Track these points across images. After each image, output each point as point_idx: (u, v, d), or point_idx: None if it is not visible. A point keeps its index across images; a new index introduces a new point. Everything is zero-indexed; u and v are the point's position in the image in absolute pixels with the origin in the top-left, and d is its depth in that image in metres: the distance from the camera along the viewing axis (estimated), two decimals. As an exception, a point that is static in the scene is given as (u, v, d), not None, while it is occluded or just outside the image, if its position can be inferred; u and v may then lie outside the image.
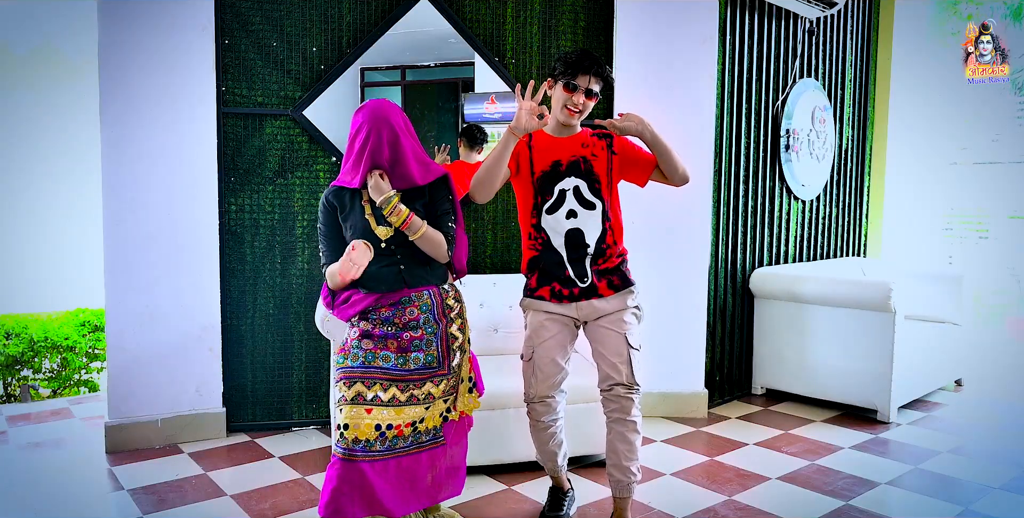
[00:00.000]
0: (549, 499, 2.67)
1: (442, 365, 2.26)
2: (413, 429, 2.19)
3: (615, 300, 2.46)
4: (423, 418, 2.21)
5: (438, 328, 2.26)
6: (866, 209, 5.23)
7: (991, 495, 2.87)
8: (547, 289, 2.46)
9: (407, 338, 2.21)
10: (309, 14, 3.45)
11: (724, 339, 4.09)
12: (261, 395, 3.53)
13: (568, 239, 2.43)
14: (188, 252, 3.34)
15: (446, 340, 2.28)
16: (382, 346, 2.19)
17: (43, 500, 2.79)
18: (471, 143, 3.74)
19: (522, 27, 3.63)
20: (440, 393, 2.25)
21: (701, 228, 3.78)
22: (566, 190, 2.42)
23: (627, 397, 2.42)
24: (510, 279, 3.50)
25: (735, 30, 3.97)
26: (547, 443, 2.56)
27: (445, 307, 2.29)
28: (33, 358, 4.91)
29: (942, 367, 4.26)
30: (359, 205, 2.24)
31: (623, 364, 2.43)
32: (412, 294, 2.23)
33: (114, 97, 3.20)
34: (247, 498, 2.79)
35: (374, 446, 2.11)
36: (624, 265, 2.51)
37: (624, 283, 2.48)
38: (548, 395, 2.50)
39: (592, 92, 2.37)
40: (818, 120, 4.57)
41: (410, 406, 2.18)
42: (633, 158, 2.48)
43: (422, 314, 2.23)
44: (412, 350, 2.21)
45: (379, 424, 2.12)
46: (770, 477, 3.03)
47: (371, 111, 2.18)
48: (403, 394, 2.18)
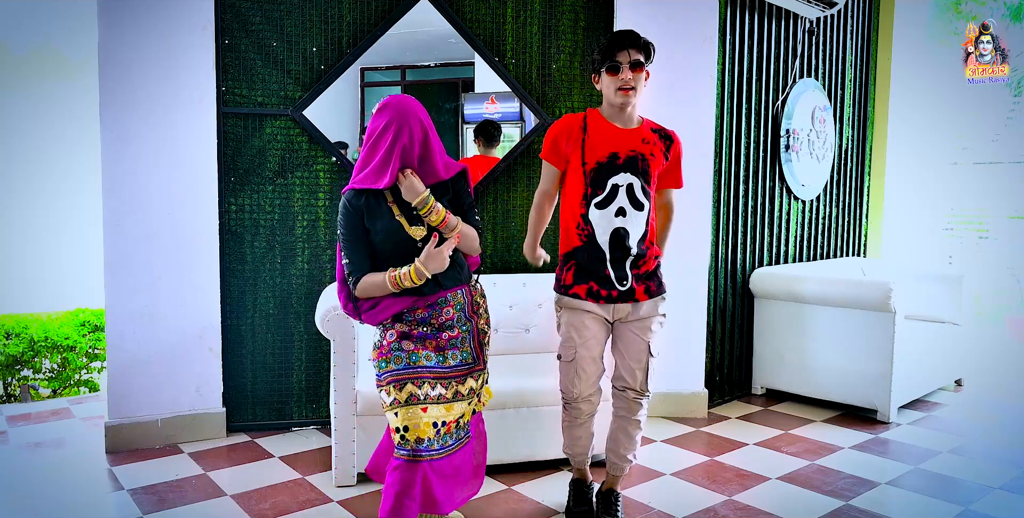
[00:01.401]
0: (573, 493, 2.67)
1: (477, 360, 2.28)
2: (457, 425, 2.20)
3: (648, 305, 2.47)
4: (463, 413, 2.23)
5: (471, 325, 2.27)
6: (866, 209, 5.23)
7: (991, 495, 2.87)
8: (583, 288, 2.43)
9: (445, 338, 2.21)
10: (309, 14, 3.45)
11: (724, 339, 4.09)
12: (261, 395, 3.53)
13: (613, 238, 2.39)
14: (188, 252, 3.34)
15: (478, 336, 2.29)
16: (422, 346, 2.18)
17: (43, 500, 2.79)
18: (488, 141, 3.73)
19: (522, 27, 3.63)
20: (479, 387, 2.28)
21: (701, 228, 3.78)
22: (619, 186, 2.38)
23: (636, 401, 2.52)
24: (511, 279, 3.50)
25: (735, 30, 3.97)
26: (581, 438, 2.58)
27: (474, 304, 2.30)
28: (33, 358, 4.90)
29: (942, 367, 4.26)
30: (386, 207, 2.16)
31: (640, 370, 2.48)
32: (448, 295, 2.21)
33: (114, 97, 3.20)
34: (247, 498, 2.79)
35: (433, 445, 2.12)
36: (659, 269, 2.52)
37: (659, 289, 2.50)
38: (590, 393, 2.51)
39: (638, 63, 2.35)
40: (818, 120, 4.57)
41: (457, 402, 2.19)
42: (673, 171, 2.55)
43: (457, 313, 2.23)
44: (450, 348, 2.22)
45: (435, 422, 2.12)
46: (770, 477, 3.04)
47: (397, 108, 2.11)
48: (448, 391, 2.18)
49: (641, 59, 2.36)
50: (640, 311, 2.47)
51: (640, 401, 2.52)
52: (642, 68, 2.36)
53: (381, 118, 2.11)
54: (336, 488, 2.86)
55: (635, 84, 2.35)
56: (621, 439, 2.56)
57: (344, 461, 2.85)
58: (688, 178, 3.66)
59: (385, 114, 2.11)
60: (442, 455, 2.14)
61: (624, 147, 2.39)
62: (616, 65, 2.34)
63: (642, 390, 2.51)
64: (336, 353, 2.83)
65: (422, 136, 2.13)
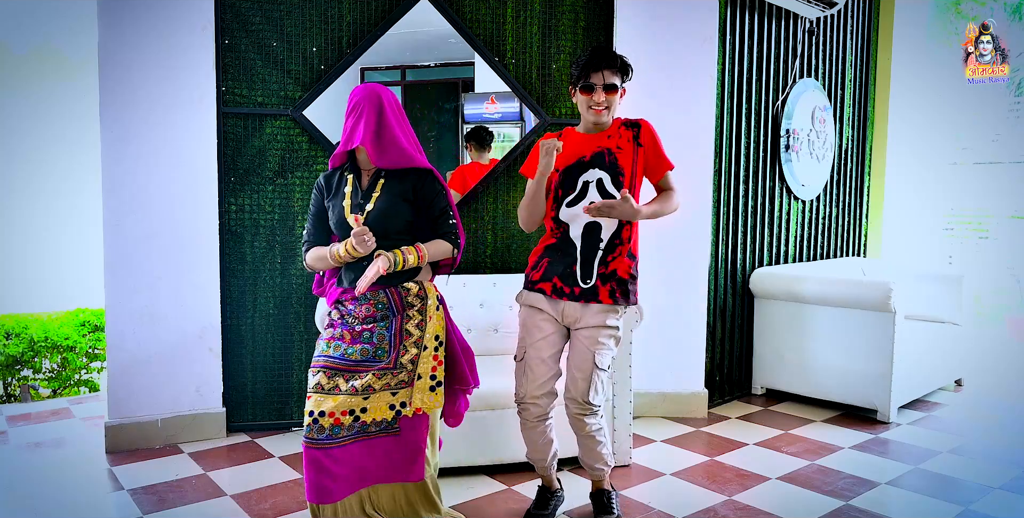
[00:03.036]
0: (536, 498, 2.68)
1: (389, 358, 2.27)
2: (354, 418, 2.21)
3: (597, 311, 2.42)
4: (364, 408, 2.22)
5: (391, 323, 2.29)
6: (866, 209, 5.23)
7: (991, 495, 2.87)
8: (549, 284, 2.44)
9: (358, 331, 2.28)
10: (309, 14, 3.45)
11: (724, 339, 4.09)
12: (261, 395, 3.53)
13: (585, 232, 2.40)
14: (188, 252, 3.34)
15: (401, 335, 2.29)
16: (339, 335, 2.28)
17: (43, 500, 2.79)
18: (481, 144, 3.73)
19: (522, 27, 3.63)
20: (382, 386, 2.24)
21: (701, 228, 3.78)
22: (589, 182, 2.40)
23: (579, 417, 2.46)
24: (510, 279, 3.50)
25: (735, 30, 3.97)
26: (537, 442, 2.56)
27: (405, 304, 2.30)
28: (33, 358, 4.90)
29: (942, 367, 4.26)
30: (342, 193, 2.32)
31: (582, 380, 2.43)
32: (367, 293, 2.28)
33: (114, 97, 3.20)
34: (247, 498, 2.79)
35: (311, 433, 2.17)
36: (633, 282, 2.45)
37: (624, 299, 2.43)
38: (537, 395, 2.49)
39: (611, 86, 2.36)
40: (818, 120, 4.57)
41: (346, 396, 2.21)
42: (655, 155, 2.46)
43: (377, 312, 2.29)
44: (362, 342, 2.26)
45: (312, 410, 2.19)
46: (770, 477, 3.04)
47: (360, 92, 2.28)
48: (346, 384, 2.22)
49: (616, 82, 2.37)
50: (588, 315, 2.42)
51: (583, 418, 2.45)
52: (615, 91, 2.38)
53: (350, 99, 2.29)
54: (336, 488, 2.86)
55: (608, 104, 2.38)
56: (584, 451, 2.56)
57: (344, 461, 2.85)
58: (688, 178, 3.69)
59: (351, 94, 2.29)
60: (327, 445, 2.17)
61: (590, 148, 2.43)
62: (590, 86, 2.36)
63: (583, 401, 2.42)
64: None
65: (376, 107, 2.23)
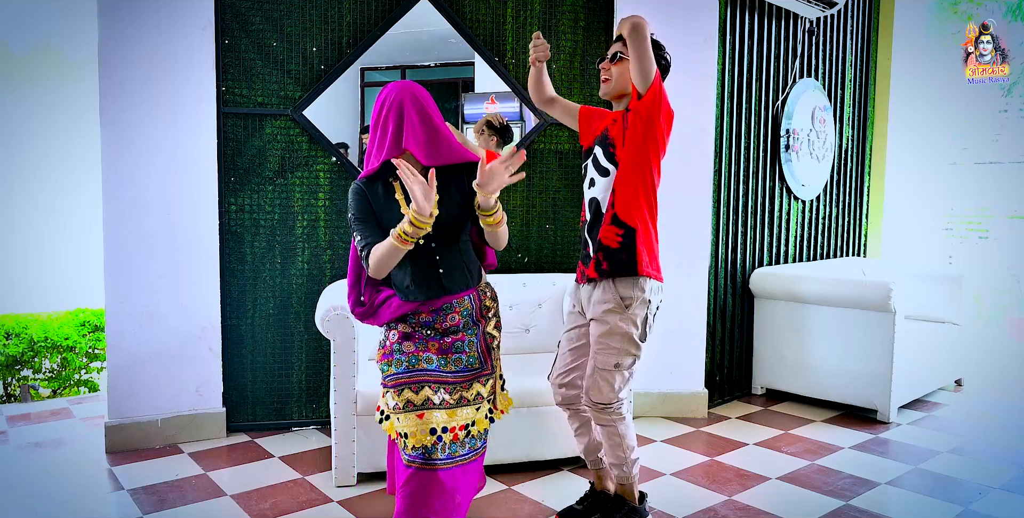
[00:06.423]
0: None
1: (485, 365, 2.15)
2: (467, 433, 2.08)
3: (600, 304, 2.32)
4: (475, 421, 2.10)
5: (477, 329, 2.15)
6: (866, 209, 5.23)
7: (991, 495, 2.87)
8: (578, 271, 2.48)
9: (448, 341, 2.09)
10: (309, 14, 3.44)
11: (724, 339, 4.09)
12: (261, 395, 3.53)
13: (590, 209, 2.40)
14: (188, 252, 3.34)
15: (485, 340, 2.16)
16: (423, 348, 2.07)
17: (43, 500, 2.79)
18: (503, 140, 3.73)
19: (522, 27, 3.63)
20: (488, 393, 2.15)
21: (701, 228, 3.78)
22: (589, 162, 2.44)
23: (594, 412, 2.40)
24: (510, 279, 3.50)
25: (735, 30, 3.97)
26: (579, 436, 2.56)
27: (483, 308, 2.16)
28: (33, 358, 4.91)
29: (942, 367, 4.26)
30: (395, 201, 2.05)
31: (588, 376, 2.40)
32: (453, 300, 2.08)
33: (114, 97, 3.20)
34: (247, 498, 2.79)
35: (436, 453, 1.99)
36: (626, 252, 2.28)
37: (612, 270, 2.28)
38: (556, 383, 2.51)
39: (614, 55, 2.38)
40: (818, 120, 4.57)
41: (461, 407, 2.07)
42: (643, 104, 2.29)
43: (463, 319, 2.11)
44: (454, 352, 2.10)
45: (435, 428, 2.00)
46: (770, 477, 3.04)
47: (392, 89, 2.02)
48: (452, 396, 2.06)
49: (619, 50, 2.37)
50: (592, 305, 2.35)
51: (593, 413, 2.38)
52: (618, 60, 2.37)
53: (377, 102, 2.02)
54: (336, 488, 2.86)
55: (608, 75, 2.39)
56: (604, 444, 2.46)
57: (344, 461, 2.85)
58: (688, 178, 3.69)
59: (380, 96, 2.02)
60: (449, 465, 2.01)
61: (603, 126, 2.45)
62: (603, 57, 2.44)
63: (587, 397, 2.37)
64: (336, 353, 2.83)
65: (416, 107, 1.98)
